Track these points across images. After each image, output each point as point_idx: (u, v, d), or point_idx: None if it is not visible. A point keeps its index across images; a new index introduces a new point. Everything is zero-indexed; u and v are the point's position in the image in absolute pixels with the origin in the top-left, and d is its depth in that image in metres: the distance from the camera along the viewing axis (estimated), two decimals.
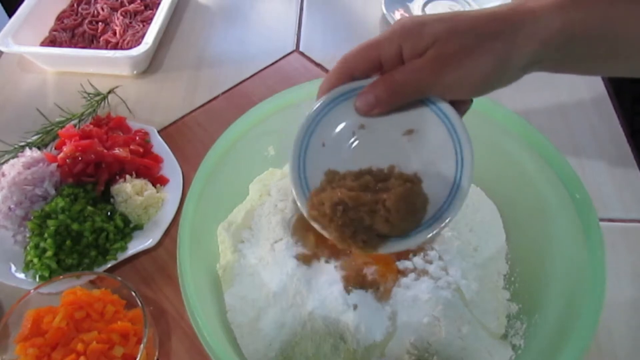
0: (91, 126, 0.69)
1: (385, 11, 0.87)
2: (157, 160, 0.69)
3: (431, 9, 0.89)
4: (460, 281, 0.49)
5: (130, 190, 0.63)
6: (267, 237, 0.52)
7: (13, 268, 0.59)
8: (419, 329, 0.46)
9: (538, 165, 0.50)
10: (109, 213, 0.62)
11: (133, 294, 0.50)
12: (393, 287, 0.48)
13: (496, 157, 0.53)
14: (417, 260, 0.50)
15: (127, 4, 0.91)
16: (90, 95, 0.78)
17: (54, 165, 0.64)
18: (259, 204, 0.56)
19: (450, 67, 0.37)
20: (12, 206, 0.61)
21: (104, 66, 0.84)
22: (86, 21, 0.89)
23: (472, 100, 0.42)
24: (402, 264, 0.50)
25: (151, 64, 0.86)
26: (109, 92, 0.79)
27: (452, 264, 0.50)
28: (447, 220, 0.39)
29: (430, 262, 0.50)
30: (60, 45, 0.87)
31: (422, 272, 0.49)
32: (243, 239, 0.53)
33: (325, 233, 0.40)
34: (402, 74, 0.38)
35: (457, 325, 0.47)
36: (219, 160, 0.52)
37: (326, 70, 0.82)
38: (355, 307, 0.46)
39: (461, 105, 0.41)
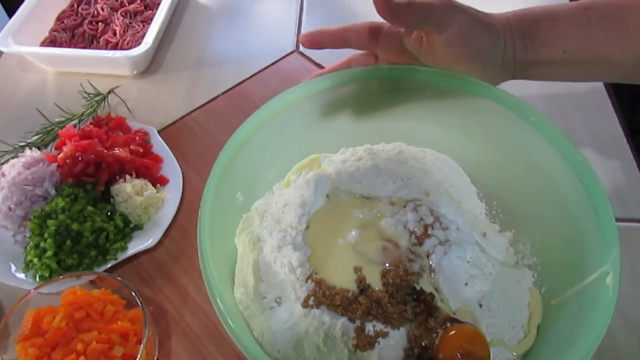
0: (91, 126, 0.69)
1: None
2: (157, 160, 0.69)
3: None
4: (472, 233, 0.51)
5: (130, 190, 0.63)
6: (285, 287, 0.50)
7: (13, 268, 0.59)
8: (465, 294, 0.48)
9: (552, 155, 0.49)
10: (109, 213, 0.63)
11: (133, 294, 0.50)
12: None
13: (506, 144, 0.54)
14: (437, 232, 0.51)
15: (127, 4, 0.91)
16: (90, 95, 0.78)
17: (54, 165, 0.64)
18: (257, 254, 0.53)
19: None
20: (12, 206, 0.61)
21: (104, 66, 0.84)
22: (86, 21, 0.89)
23: None
24: (428, 245, 0.50)
25: (151, 64, 0.86)
26: (109, 92, 0.79)
27: (457, 221, 0.52)
28: None
29: (447, 228, 0.51)
30: (60, 45, 0.87)
31: (444, 242, 0.50)
32: (264, 295, 0.51)
33: None
34: None
35: (487, 271, 0.49)
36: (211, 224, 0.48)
37: None
38: None
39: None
